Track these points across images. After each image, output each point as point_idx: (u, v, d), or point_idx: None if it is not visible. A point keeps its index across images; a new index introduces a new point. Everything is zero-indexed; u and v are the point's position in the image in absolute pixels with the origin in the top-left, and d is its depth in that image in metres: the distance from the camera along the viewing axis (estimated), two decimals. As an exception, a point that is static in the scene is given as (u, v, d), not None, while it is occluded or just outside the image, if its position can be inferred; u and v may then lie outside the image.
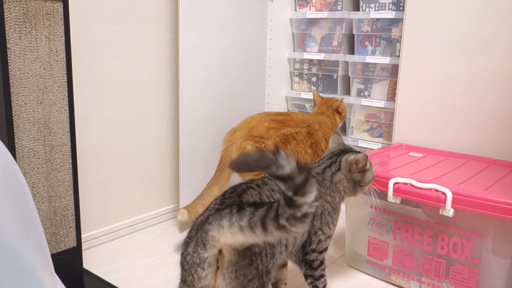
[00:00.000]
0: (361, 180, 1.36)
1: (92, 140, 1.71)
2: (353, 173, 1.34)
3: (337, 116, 2.12)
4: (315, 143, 1.95)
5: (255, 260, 1.00)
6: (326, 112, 2.12)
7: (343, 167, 1.34)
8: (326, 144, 2.00)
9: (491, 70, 1.71)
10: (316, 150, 1.96)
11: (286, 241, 1.16)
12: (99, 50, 1.69)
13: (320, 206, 1.29)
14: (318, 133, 1.96)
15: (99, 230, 1.79)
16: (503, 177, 1.50)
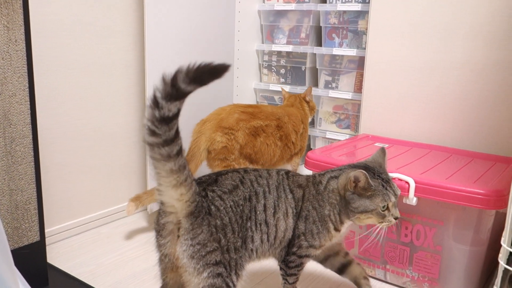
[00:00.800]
0: (353, 203, 1.15)
1: (56, 132, 1.67)
2: (346, 191, 1.16)
3: (306, 106, 2.13)
4: (285, 135, 1.96)
5: (215, 232, 1.03)
6: (295, 103, 2.13)
7: (341, 179, 1.18)
8: (296, 136, 2.01)
9: (452, 61, 1.75)
10: (286, 142, 1.97)
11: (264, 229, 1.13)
12: (61, 38, 1.65)
13: (305, 209, 1.18)
14: (288, 125, 1.97)
15: (64, 224, 1.76)
16: (463, 166, 1.55)
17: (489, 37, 1.67)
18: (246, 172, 1.16)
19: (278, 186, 1.18)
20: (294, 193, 1.19)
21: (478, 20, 1.68)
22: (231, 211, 1.07)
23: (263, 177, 1.16)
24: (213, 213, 1.04)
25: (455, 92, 1.76)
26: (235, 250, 1.06)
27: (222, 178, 1.11)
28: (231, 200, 1.08)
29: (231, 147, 1.82)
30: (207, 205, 1.04)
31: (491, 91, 1.69)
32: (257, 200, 1.13)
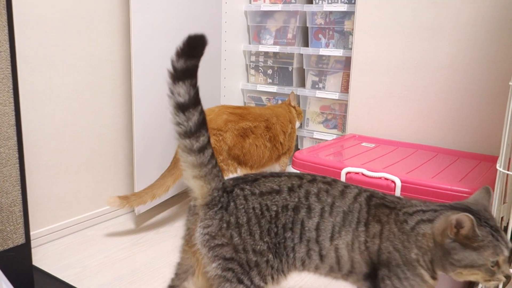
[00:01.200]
0: (455, 255, 0.94)
1: (41, 133, 1.66)
2: (445, 237, 0.95)
3: (292, 110, 2.15)
4: (274, 136, 1.97)
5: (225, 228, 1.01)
6: (282, 105, 2.14)
7: (437, 222, 0.97)
8: (284, 137, 2.02)
9: (437, 61, 1.77)
10: (274, 143, 1.98)
11: (313, 247, 1.02)
12: (46, 38, 1.63)
13: (385, 250, 0.99)
14: (276, 126, 1.98)
15: (50, 226, 1.74)
16: (449, 165, 1.56)
17: (473, 36, 1.68)
18: (311, 182, 1.05)
19: (348, 212, 1.01)
20: (369, 227, 1.00)
21: (462, 20, 1.69)
22: (252, 212, 1.01)
23: (330, 194, 1.03)
24: (229, 209, 1.02)
25: (441, 92, 1.78)
26: (256, 252, 1.01)
27: (264, 180, 1.06)
28: (258, 203, 1.02)
29: (219, 148, 1.82)
30: (226, 201, 1.02)
31: (476, 90, 1.71)
32: (307, 215, 1.02)
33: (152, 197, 1.75)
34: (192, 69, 1.01)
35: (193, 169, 1.01)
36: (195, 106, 0.99)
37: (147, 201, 1.74)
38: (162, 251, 1.68)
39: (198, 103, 1.00)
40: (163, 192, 1.78)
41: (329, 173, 1.50)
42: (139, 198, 1.73)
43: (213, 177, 1.02)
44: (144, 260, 1.61)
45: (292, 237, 1.02)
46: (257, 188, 1.04)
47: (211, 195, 1.02)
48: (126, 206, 1.71)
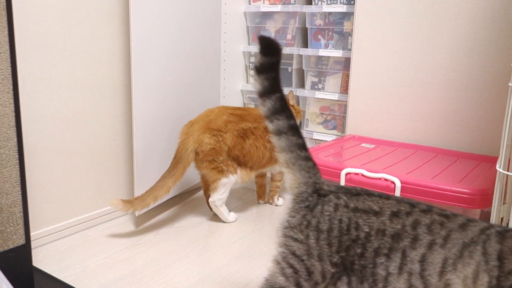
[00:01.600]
0: None
1: (42, 134, 1.66)
2: None
3: (292, 109, 2.15)
4: None
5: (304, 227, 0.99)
6: None
7: None
8: None
9: (437, 62, 1.77)
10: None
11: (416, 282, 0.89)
12: (46, 41, 1.63)
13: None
14: None
15: (51, 227, 1.74)
16: (449, 166, 1.56)
17: (472, 37, 1.69)
18: (425, 212, 0.94)
19: (470, 244, 0.87)
20: (504, 262, 0.83)
21: (462, 21, 1.70)
22: (337, 224, 0.96)
23: (445, 227, 0.90)
24: (314, 211, 0.99)
25: (440, 92, 1.78)
26: (326, 262, 0.96)
27: (367, 197, 0.99)
28: (347, 217, 0.96)
29: (219, 148, 1.82)
30: (315, 202, 1.00)
31: (475, 91, 1.71)
32: (411, 245, 0.90)
33: (154, 199, 1.75)
34: (269, 64, 1.01)
35: (282, 153, 1.03)
36: (270, 94, 1.02)
37: (150, 203, 1.75)
38: (162, 252, 1.68)
39: (273, 92, 1.02)
40: (164, 194, 1.78)
41: (329, 174, 1.50)
42: (142, 202, 1.73)
43: (299, 168, 1.02)
44: (144, 260, 1.61)
45: (387, 265, 0.92)
46: (354, 202, 0.98)
47: (298, 188, 1.02)
48: (130, 210, 1.71)
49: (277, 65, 1.01)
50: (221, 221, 1.96)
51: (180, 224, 1.93)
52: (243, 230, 1.89)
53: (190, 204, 2.16)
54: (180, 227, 1.90)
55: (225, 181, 1.86)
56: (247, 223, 1.96)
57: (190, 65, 2.13)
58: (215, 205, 1.89)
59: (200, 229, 1.89)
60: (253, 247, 1.74)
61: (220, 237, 1.82)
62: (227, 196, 1.91)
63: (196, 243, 1.76)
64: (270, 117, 1.02)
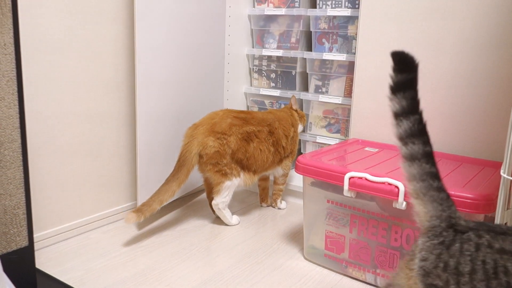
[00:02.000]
0: None
1: (45, 136, 1.66)
2: None
3: (294, 113, 2.14)
4: (276, 140, 1.97)
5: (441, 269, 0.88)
6: (284, 109, 2.15)
7: None
8: (287, 141, 2.02)
9: (441, 66, 1.77)
10: (277, 147, 1.99)
11: None
12: (51, 43, 1.64)
13: None
14: (278, 131, 1.98)
15: (54, 229, 1.74)
16: (452, 170, 1.56)
17: (477, 43, 1.68)
18: None
19: None
20: None
21: (467, 27, 1.69)
22: (481, 266, 0.84)
23: None
24: (452, 250, 0.88)
25: (445, 97, 1.78)
26: None
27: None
28: (492, 259, 0.84)
29: (223, 151, 1.82)
30: (451, 239, 0.89)
31: (480, 96, 1.70)
32: None
33: (160, 204, 1.76)
34: (406, 81, 0.96)
35: (411, 183, 0.96)
36: (409, 114, 0.96)
37: (156, 208, 1.75)
38: (165, 254, 1.68)
39: (411, 113, 0.96)
40: (169, 197, 1.78)
41: (333, 177, 1.50)
42: (149, 207, 1.73)
43: (431, 200, 0.93)
44: (146, 263, 1.61)
45: None
46: (500, 243, 0.86)
47: (430, 222, 0.93)
48: (142, 218, 1.71)
49: (415, 82, 0.95)
50: (224, 224, 1.96)
51: (182, 227, 1.93)
52: (246, 233, 1.89)
53: (192, 207, 2.16)
54: (182, 230, 1.90)
55: (228, 184, 1.86)
56: (250, 226, 1.95)
57: (194, 67, 2.13)
58: (218, 208, 1.89)
59: (202, 232, 1.89)
60: (256, 250, 1.74)
61: (223, 240, 1.82)
62: (230, 199, 1.91)
63: (198, 246, 1.76)
64: (405, 140, 0.96)
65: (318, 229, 1.63)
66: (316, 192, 1.61)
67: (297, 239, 1.85)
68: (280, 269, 1.61)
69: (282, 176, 2.12)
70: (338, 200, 1.55)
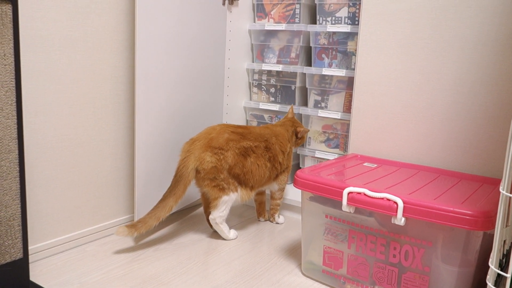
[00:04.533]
0: None
1: (43, 147, 1.66)
2: None
3: (294, 137, 2.13)
4: (273, 156, 1.97)
5: None
6: (286, 126, 2.12)
7: None
8: (284, 156, 2.02)
9: (440, 83, 1.77)
10: (273, 163, 1.98)
11: None
12: (51, 54, 1.64)
13: None
14: (275, 146, 1.98)
15: (49, 241, 1.72)
16: (451, 187, 1.55)
17: (476, 58, 1.69)
18: None
19: None
20: None
21: (466, 43, 1.70)
22: None
23: None
24: None
25: (444, 113, 1.78)
26: None
27: None
28: None
29: (220, 167, 1.81)
30: None
31: (479, 112, 1.71)
32: None
33: (157, 220, 1.75)
34: None
35: None
36: None
37: (153, 225, 1.74)
38: (162, 268, 1.66)
39: None
40: (166, 213, 1.77)
41: (331, 193, 1.49)
42: (145, 224, 1.72)
43: None
44: (143, 277, 1.59)
45: None
46: None
47: None
48: (135, 234, 1.70)
49: None
50: (221, 238, 1.94)
51: (179, 240, 1.91)
52: (243, 247, 1.87)
53: (190, 221, 2.15)
54: (179, 244, 1.88)
55: (226, 199, 1.85)
56: (248, 241, 1.94)
57: (193, 81, 2.14)
58: (216, 223, 1.88)
59: (200, 246, 1.87)
60: (254, 265, 1.72)
61: (220, 254, 1.80)
62: (227, 213, 1.89)
63: (195, 260, 1.74)
64: None
65: (316, 244, 1.62)
66: (314, 207, 1.60)
67: (295, 254, 1.83)
68: (278, 285, 1.59)
69: (278, 191, 2.11)
70: (336, 215, 1.54)
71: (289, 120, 2.15)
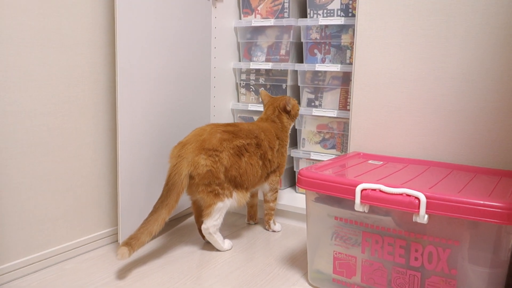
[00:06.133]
0: None
1: (12, 152, 1.46)
2: None
3: (285, 117, 1.97)
4: (264, 153, 1.82)
5: None
6: (271, 116, 1.96)
7: None
8: (272, 153, 1.86)
9: (446, 71, 1.65)
10: (264, 161, 1.83)
11: None
12: (20, 47, 1.46)
13: None
14: (264, 142, 1.83)
15: (21, 259, 1.52)
16: (469, 181, 1.42)
17: (483, 45, 1.58)
18: None
19: None
20: None
21: (472, 28, 1.59)
22: None
23: None
24: None
25: (451, 104, 1.66)
26: None
27: None
28: None
29: (216, 170, 1.65)
30: None
31: (489, 101, 1.59)
32: None
33: (149, 235, 1.56)
34: None
35: None
36: None
37: (145, 241, 1.55)
38: (151, 285, 1.48)
39: None
40: (159, 227, 1.58)
41: (342, 190, 1.34)
42: (137, 241, 1.53)
43: None
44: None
45: None
46: None
47: None
48: (131, 252, 1.50)
49: None
50: (214, 249, 1.77)
51: (170, 253, 1.73)
52: (240, 258, 1.70)
53: (179, 232, 1.96)
54: (170, 257, 1.70)
55: (220, 205, 1.68)
56: (244, 251, 1.77)
57: (179, 82, 1.97)
58: (209, 233, 1.70)
59: (192, 259, 1.69)
60: (254, 277, 1.55)
61: (215, 267, 1.63)
62: (221, 222, 1.72)
63: (188, 275, 1.56)
64: None
65: (324, 250, 1.46)
66: (321, 209, 1.44)
67: (298, 263, 1.67)
68: (284, 298, 1.42)
69: (270, 191, 1.94)
70: (347, 216, 1.39)
71: (268, 108, 1.97)
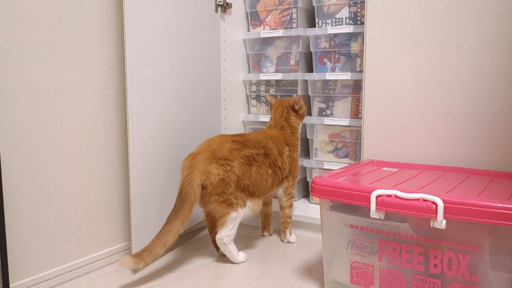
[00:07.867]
0: None
1: (24, 168, 1.46)
2: None
3: (293, 116, 1.95)
4: (273, 162, 1.80)
5: None
6: (280, 121, 1.94)
7: None
8: (282, 160, 1.85)
9: (459, 76, 1.63)
10: (274, 169, 1.81)
11: None
12: (31, 63, 1.46)
13: None
14: (273, 150, 1.81)
15: (34, 277, 1.51)
16: (488, 185, 1.39)
17: (496, 47, 1.56)
18: None
19: None
20: None
21: (484, 30, 1.57)
22: None
23: None
24: None
25: (465, 108, 1.63)
26: None
27: None
28: None
29: (228, 179, 1.64)
30: None
31: (505, 104, 1.56)
32: None
33: (163, 247, 1.54)
34: None
35: None
36: None
37: (159, 253, 1.54)
38: (166, 299, 1.46)
39: None
40: (174, 238, 1.57)
41: (357, 197, 1.31)
42: (151, 253, 1.51)
43: None
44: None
45: None
46: None
47: None
48: (142, 264, 1.49)
49: None
50: (229, 262, 1.74)
51: (184, 267, 1.71)
52: (255, 271, 1.67)
53: (193, 245, 1.94)
54: (184, 271, 1.67)
55: (234, 215, 1.66)
56: (259, 263, 1.74)
57: (189, 95, 1.97)
58: (223, 243, 1.68)
59: (207, 272, 1.67)
60: (270, 289, 1.52)
61: (231, 280, 1.60)
62: (235, 232, 1.70)
63: (203, 288, 1.54)
64: None
65: (341, 260, 1.43)
66: (336, 217, 1.42)
67: (314, 274, 1.64)
68: (301, 309, 1.39)
69: (284, 196, 1.92)
70: (363, 224, 1.36)
71: (277, 110, 1.96)
